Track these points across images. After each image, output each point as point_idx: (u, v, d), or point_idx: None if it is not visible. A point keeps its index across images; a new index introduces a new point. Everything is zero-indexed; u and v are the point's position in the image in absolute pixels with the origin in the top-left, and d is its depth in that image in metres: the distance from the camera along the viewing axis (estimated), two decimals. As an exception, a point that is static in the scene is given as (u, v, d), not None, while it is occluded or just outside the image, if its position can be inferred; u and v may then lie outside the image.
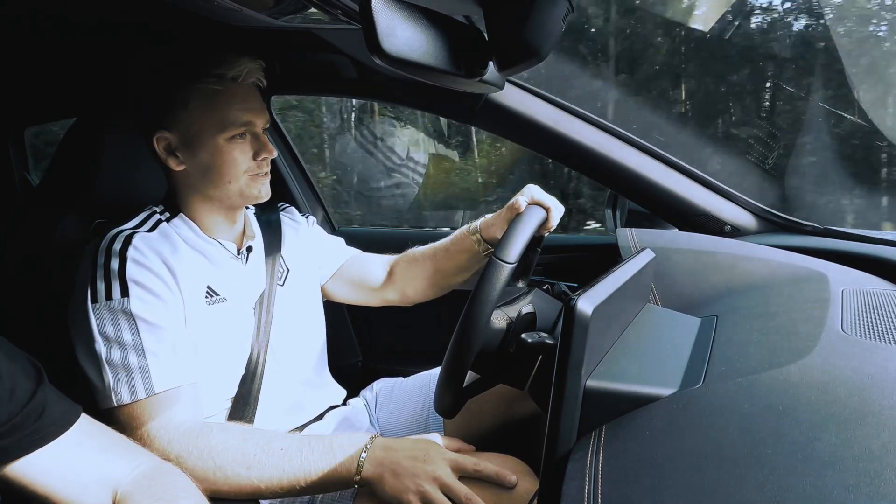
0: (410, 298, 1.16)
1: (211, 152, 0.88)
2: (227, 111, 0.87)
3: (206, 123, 0.87)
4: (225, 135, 0.87)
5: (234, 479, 0.77)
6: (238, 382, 0.91)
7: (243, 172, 0.90)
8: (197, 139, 0.87)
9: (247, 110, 0.89)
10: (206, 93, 0.86)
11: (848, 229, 1.17)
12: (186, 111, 0.87)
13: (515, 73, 0.69)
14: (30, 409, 0.58)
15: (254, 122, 0.90)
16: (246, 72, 0.88)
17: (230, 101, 0.87)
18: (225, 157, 0.88)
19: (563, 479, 0.49)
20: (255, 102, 0.91)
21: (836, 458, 0.41)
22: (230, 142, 0.88)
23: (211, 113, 0.87)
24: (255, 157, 0.91)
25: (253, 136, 0.91)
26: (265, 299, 0.96)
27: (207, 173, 0.89)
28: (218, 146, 0.87)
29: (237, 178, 0.90)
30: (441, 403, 0.79)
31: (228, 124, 0.87)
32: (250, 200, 0.93)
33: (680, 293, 0.94)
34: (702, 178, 1.26)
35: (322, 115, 4.41)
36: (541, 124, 1.22)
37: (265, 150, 0.91)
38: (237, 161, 0.89)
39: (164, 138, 0.88)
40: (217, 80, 0.86)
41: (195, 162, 0.89)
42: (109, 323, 0.78)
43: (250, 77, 0.89)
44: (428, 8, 0.60)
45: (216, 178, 0.89)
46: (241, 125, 0.88)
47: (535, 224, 0.87)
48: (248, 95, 0.90)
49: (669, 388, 0.56)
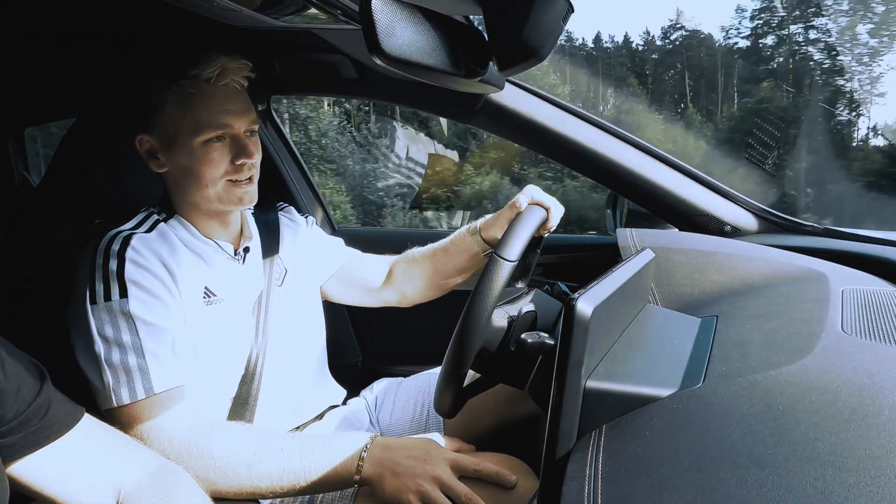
0: (409, 299, 1.16)
1: (187, 155, 0.86)
2: (201, 113, 0.84)
3: (181, 126, 0.85)
4: (200, 137, 0.85)
5: (234, 478, 0.77)
6: (237, 383, 0.91)
7: (221, 177, 0.87)
8: (174, 142, 0.86)
9: (223, 112, 0.86)
10: (180, 95, 0.85)
11: (848, 229, 1.17)
12: (163, 113, 0.86)
13: (515, 73, 0.68)
14: (35, 407, 0.59)
15: (231, 125, 0.86)
16: (219, 72, 0.85)
17: (204, 103, 0.85)
18: (201, 161, 0.86)
19: (563, 479, 0.49)
20: (234, 104, 0.87)
21: (836, 458, 0.40)
22: (206, 145, 0.85)
23: (185, 115, 0.85)
24: (234, 160, 0.87)
25: (232, 140, 0.87)
26: (263, 300, 0.96)
27: (186, 177, 0.88)
28: (193, 149, 0.85)
29: (214, 183, 0.87)
30: (441, 403, 0.79)
31: (203, 127, 0.85)
32: (232, 206, 0.91)
33: (680, 293, 0.94)
34: (702, 178, 1.26)
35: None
36: (541, 124, 1.22)
37: (244, 154, 0.87)
38: (214, 164, 0.86)
39: (145, 140, 0.88)
40: (190, 82, 0.84)
41: (175, 165, 0.88)
42: (108, 324, 0.78)
43: (224, 78, 0.86)
44: (428, 8, 0.60)
45: (194, 183, 0.87)
46: (217, 127, 0.85)
47: (536, 223, 0.88)
48: (225, 97, 0.87)
49: (669, 388, 0.56)
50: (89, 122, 1.00)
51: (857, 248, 1.04)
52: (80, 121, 1.02)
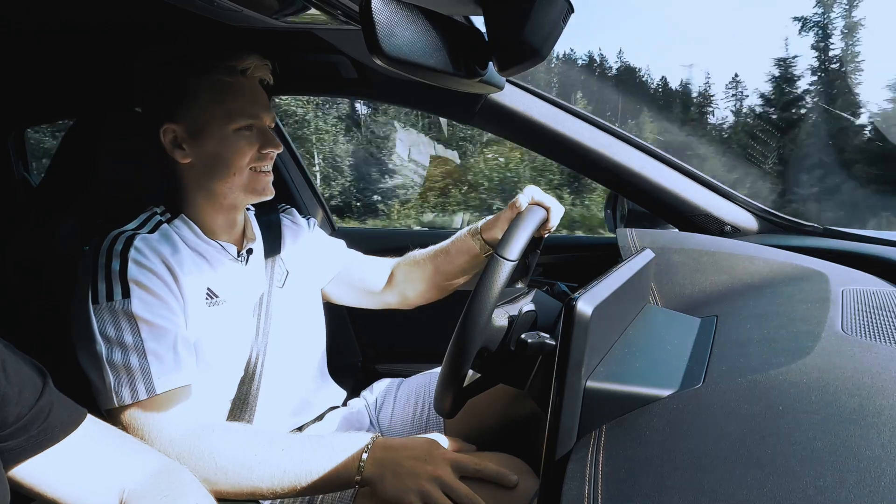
0: (411, 302, 1.16)
1: (218, 142, 0.89)
2: (236, 102, 0.89)
3: (215, 114, 0.88)
4: (233, 125, 0.89)
5: (234, 479, 0.77)
6: (237, 383, 0.91)
7: (247, 165, 0.90)
8: (204, 130, 0.88)
9: (255, 103, 0.91)
10: (217, 84, 0.88)
11: (848, 229, 1.17)
12: (196, 102, 0.88)
13: (516, 73, 0.68)
14: (37, 410, 0.58)
15: (261, 117, 0.91)
16: (254, 66, 0.90)
17: (239, 93, 0.89)
18: (231, 148, 0.89)
19: (563, 479, 0.49)
20: (262, 98, 0.93)
21: (836, 458, 0.41)
22: (237, 133, 0.89)
23: (220, 103, 0.88)
24: (261, 149, 0.91)
25: (259, 130, 0.92)
26: (264, 302, 0.96)
27: (213, 165, 0.90)
28: (226, 136, 0.89)
29: (241, 171, 0.90)
30: (441, 403, 0.79)
31: (237, 115, 0.89)
32: (253, 196, 0.94)
33: (680, 293, 0.94)
34: (702, 178, 1.26)
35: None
36: (541, 124, 1.22)
37: (271, 144, 0.92)
38: (243, 151, 0.90)
39: (170, 130, 0.89)
40: (227, 72, 0.89)
41: (201, 153, 0.90)
42: (110, 324, 0.78)
43: (258, 72, 0.92)
44: (428, 8, 0.60)
45: (221, 170, 0.90)
46: (249, 117, 0.90)
47: (536, 223, 0.88)
48: (255, 90, 0.92)
49: (669, 388, 0.56)
50: (89, 122, 1.00)
51: (857, 248, 1.04)
52: (80, 121, 1.02)
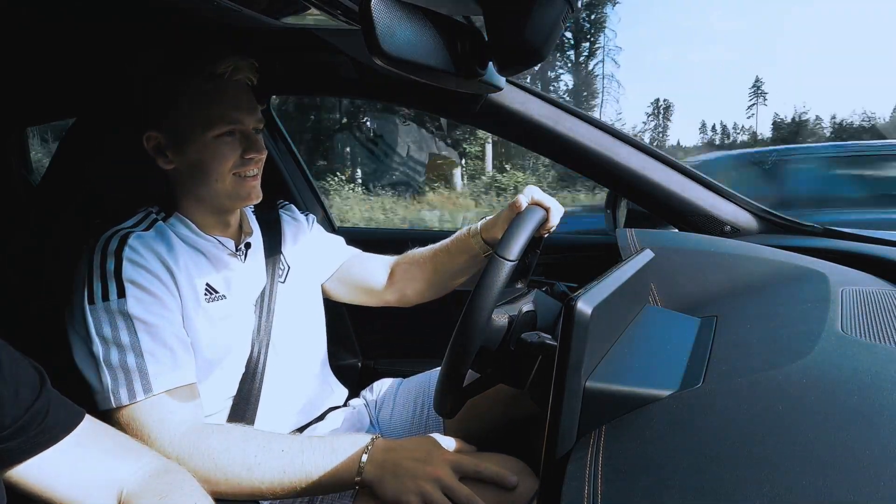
0: (409, 300, 1.16)
1: (198, 149, 0.87)
2: (215, 108, 0.86)
3: (194, 121, 0.86)
4: (212, 132, 0.86)
5: (234, 480, 0.77)
6: (238, 381, 0.91)
7: (229, 171, 0.89)
8: (185, 137, 0.87)
9: (235, 108, 0.87)
10: (195, 90, 0.86)
11: (848, 229, 1.17)
12: (175, 109, 0.86)
13: (515, 73, 0.69)
14: (34, 411, 0.58)
15: (242, 121, 0.88)
16: (233, 69, 0.87)
17: (218, 99, 0.86)
18: (212, 155, 0.87)
19: (563, 479, 0.49)
20: (245, 101, 0.89)
21: (836, 458, 0.41)
22: (217, 139, 0.87)
23: (199, 110, 0.86)
24: (244, 154, 0.89)
25: (242, 135, 0.89)
26: (266, 297, 0.96)
27: (195, 172, 0.88)
28: (205, 143, 0.86)
29: (223, 178, 0.88)
30: (441, 404, 0.79)
31: (216, 121, 0.86)
32: (239, 202, 0.92)
33: (680, 293, 0.94)
34: (702, 178, 1.26)
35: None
36: (541, 124, 1.22)
37: (254, 149, 0.89)
38: (224, 158, 0.87)
39: (153, 137, 0.88)
40: (205, 78, 0.86)
41: (183, 160, 0.88)
42: (107, 324, 0.78)
43: (238, 74, 0.88)
44: (428, 8, 0.60)
45: (203, 177, 0.88)
46: (229, 122, 0.87)
47: (536, 223, 0.88)
48: (237, 93, 0.89)
49: (669, 388, 0.56)
50: (89, 122, 1.00)
51: (857, 248, 1.04)
52: (80, 121, 1.02)
